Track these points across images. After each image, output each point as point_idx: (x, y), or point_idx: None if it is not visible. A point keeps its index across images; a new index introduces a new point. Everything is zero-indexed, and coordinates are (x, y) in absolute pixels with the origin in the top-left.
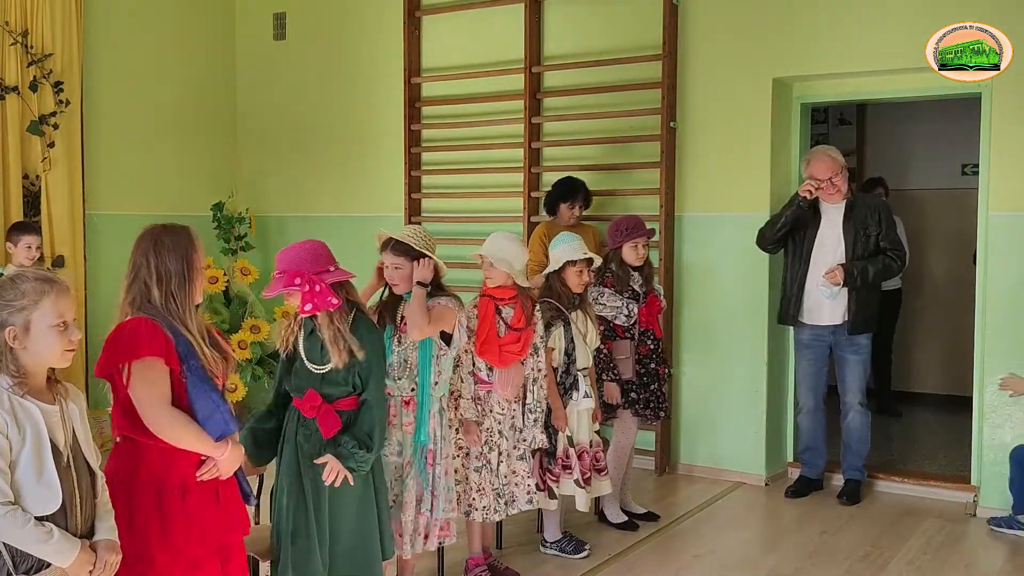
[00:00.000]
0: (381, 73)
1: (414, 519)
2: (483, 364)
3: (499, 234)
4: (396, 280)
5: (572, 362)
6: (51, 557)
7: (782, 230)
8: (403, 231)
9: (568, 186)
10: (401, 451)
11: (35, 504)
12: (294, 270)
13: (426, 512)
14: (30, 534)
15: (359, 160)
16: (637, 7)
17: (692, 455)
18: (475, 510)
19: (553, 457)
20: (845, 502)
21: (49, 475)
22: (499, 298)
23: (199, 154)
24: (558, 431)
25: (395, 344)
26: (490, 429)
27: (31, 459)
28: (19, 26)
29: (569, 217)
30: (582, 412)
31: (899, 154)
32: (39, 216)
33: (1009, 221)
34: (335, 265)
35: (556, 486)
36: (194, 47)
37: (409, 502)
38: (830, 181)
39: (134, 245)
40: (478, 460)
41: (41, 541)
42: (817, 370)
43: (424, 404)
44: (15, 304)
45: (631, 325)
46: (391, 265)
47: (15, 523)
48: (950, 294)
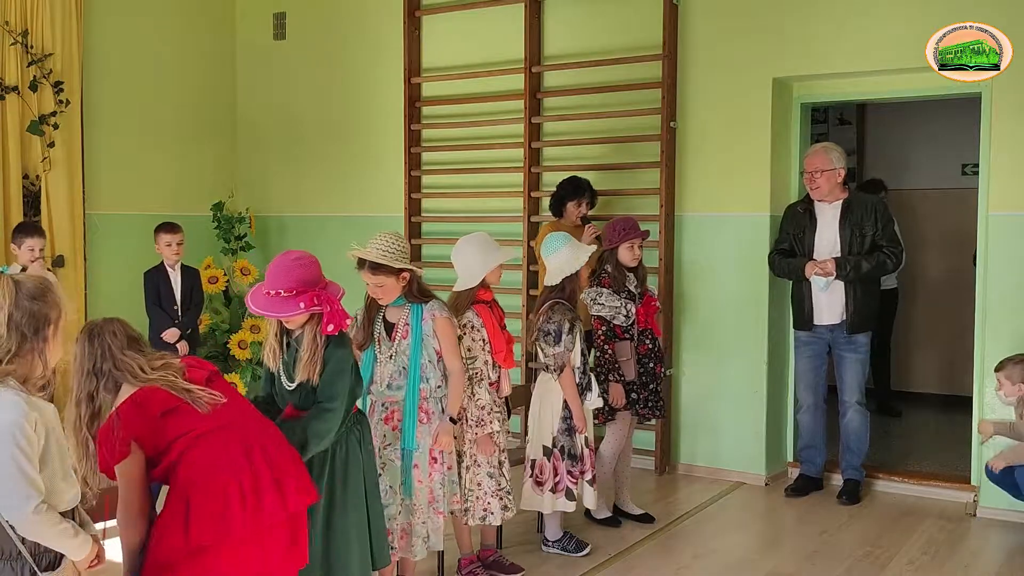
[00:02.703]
0: (381, 73)
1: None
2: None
3: (457, 245)
4: (381, 295)
5: (587, 363)
6: (74, 552)
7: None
8: (377, 244)
9: (575, 185)
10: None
11: (61, 501)
12: (310, 291)
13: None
14: (63, 531)
15: (359, 160)
16: (637, 7)
17: (692, 455)
18: (490, 514)
19: (575, 459)
20: (845, 502)
21: (68, 471)
22: (485, 301)
23: (199, 154)
24: (578, 432)
25: (389, 352)
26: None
27: (54, 456)
28: (19, 26)
29: (576, 216)
30: (590, 411)
31: (899, 154)
32: (39, 216)
33: (1009, 221)
34: (324, 278)
35: (575, 487)
36: (194, 47)
37: (420, 505)
38: (811, 175)
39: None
40: (490, 465)
41: (70, 537)
42: (816, 368)
43: (412, 411)
44: (52, 302)
45: (630, 325)
46: (373, 283)
47: (50, 521)
48: (950, 294)
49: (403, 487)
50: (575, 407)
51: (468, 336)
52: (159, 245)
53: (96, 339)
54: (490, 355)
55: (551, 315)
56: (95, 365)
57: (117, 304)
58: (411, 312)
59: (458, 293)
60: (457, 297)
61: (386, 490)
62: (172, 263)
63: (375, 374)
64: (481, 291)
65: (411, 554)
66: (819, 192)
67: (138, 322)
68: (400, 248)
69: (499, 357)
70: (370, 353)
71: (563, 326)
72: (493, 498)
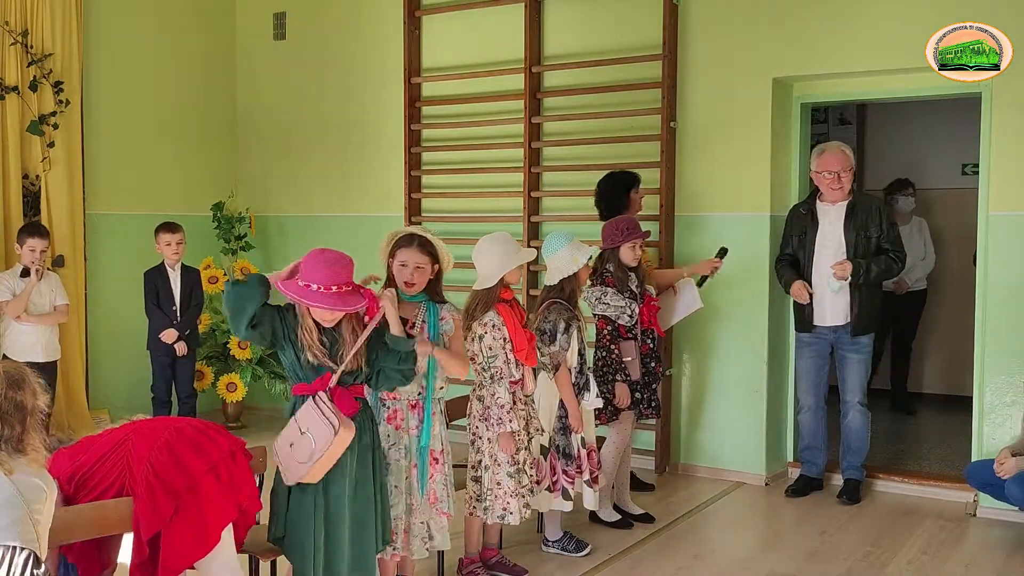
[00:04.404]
0: (381, 73)
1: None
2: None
3: (479, 244)
4: (415, 279)
5: (585, 363)
6: None
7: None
8: (419, 229)
9: (625, 174)
10: (408, 454)
11: None
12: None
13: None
14: None
15: (359, 160)
16: (637, 7)
17: (692, 455)
18: (509, 514)
19: (570, 458)
20: (845, 502)
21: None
22: (507, 300)
23: (199, 154)
24: (573, 431)
25: None
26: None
27: None
28: (19, 26)
29: (640, 202)
30: (589, 411)
31: (899, 154)
32: (39, 216)
33: (1009, 221)
34: None
35: (571, 486)
36: (194, 47)
37: (420, 505)
38: (838, 175)
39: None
40: (511, 465)
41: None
42: (818, 368)
43: (428, 408)
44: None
45: (633, 325)
46: (414, 264)
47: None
48: (950, 294)
49: (418, 485)
50: (571, 406)
51: (489, 335)
52: (159, 245)
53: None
54: (512, 353)
55: (547, 315)
56: None
57: (117, 304)
58: (428, 310)
59: (477, 292)
60: (477, 296)
61: (391, 489)
62: (172, 263)
63: None
64: (502, 290)
65: (410, 553)
66: (841, 192)
67: (138, 322)
68: (440, 242)
69: (521, 355)
70: None
71: (559, 325)
72: (513, 497)
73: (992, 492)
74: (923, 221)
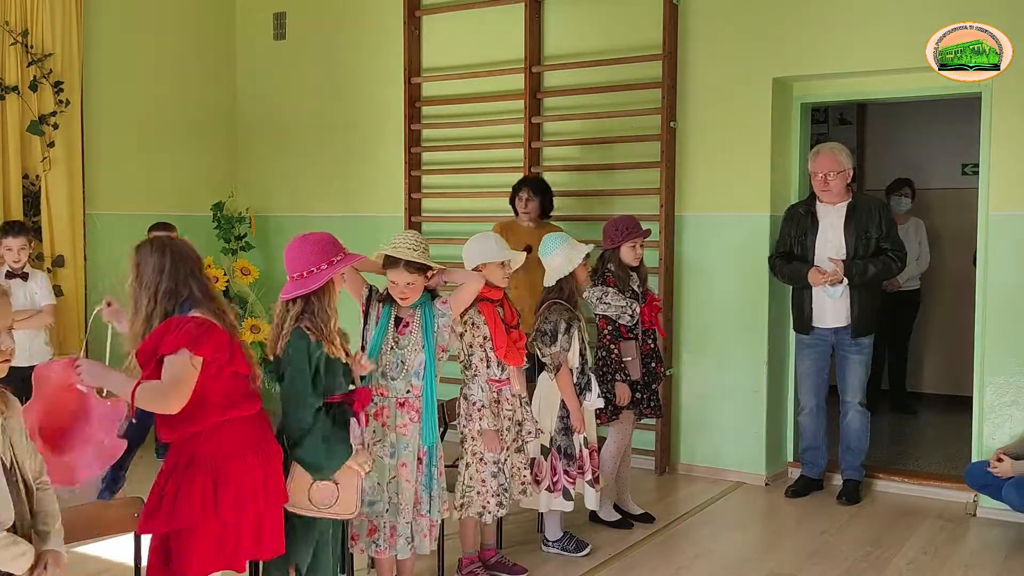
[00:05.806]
0: (381, 73)
1: (414, 521)
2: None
3: (470, 241)
4: (408, 295)
5: (586, 363)
6: (15, 565)
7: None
8: (406, 243)
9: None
10: (394, 453)
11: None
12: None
13: (425, 514)
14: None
15: (359, 160)
16: (637, 7)
17: (692, 455)
18: (487, 512)
19: (572, 458)
20: (845, 502)
21: (2, 490)
22: (492, 299)
23: (199, 154)
24: (575, 432)
25: (392, 345)
26: (501, 429)
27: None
28: (19, 26)
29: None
30: (591, 412)
31: (899, 154)
32: (39, 216)
33: (1009, 221)
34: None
35: (572, 487)
36: (194, 47)
37: (406, 505)
38: (824, 177)
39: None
40: (494, 465)
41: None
42: (819, 369)
43: (430, 406)
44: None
45: (634, 325)
46: (405, 283)
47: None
48: (950, 294)
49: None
50: (572, 407)
51: (469, 332)
52: None
53: (171, 255)
54: (491, 352)
55: (547, 315)
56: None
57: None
58: (423, 312)
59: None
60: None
61: (374, 487)
62: None
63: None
64: (486, 289)
65: (395, 553)
66: (830, 194)
67: None
68: (425, 246)
69: (499, 353)
70: (379, 337)
71: (559, 326)
72: (493, 497)
73: (990, 493)
74: (920, 222)
